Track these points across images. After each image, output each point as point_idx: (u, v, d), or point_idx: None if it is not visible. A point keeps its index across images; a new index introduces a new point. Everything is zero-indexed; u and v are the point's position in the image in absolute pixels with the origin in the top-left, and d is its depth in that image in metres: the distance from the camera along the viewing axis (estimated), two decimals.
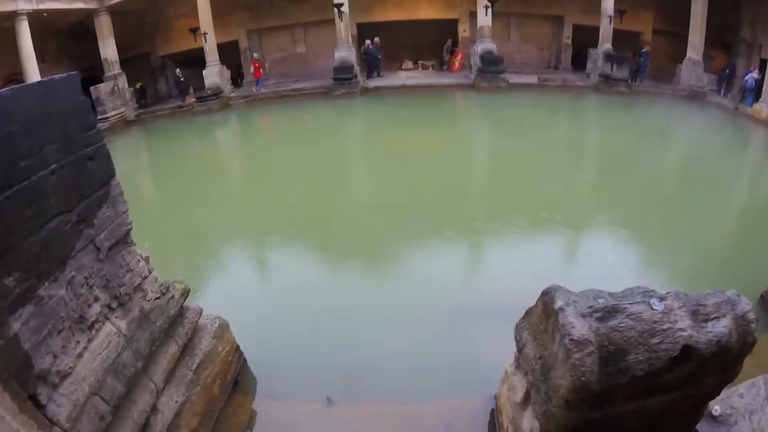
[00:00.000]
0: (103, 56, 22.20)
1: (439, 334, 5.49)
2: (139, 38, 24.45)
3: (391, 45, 22.52)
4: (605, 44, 19.59)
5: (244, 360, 5.04)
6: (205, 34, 20.21)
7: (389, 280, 6.63)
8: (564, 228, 7.79)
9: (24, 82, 18.32)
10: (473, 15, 20.34)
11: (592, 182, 10.10)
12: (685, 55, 19.17)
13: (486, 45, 19.02)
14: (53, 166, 2.74)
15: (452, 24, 22.77)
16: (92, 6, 21.20)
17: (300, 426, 4.53)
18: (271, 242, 7.98)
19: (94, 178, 3.13)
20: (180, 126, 18.75)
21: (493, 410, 4.44)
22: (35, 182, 2.62)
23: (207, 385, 4.35)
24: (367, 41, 20.25)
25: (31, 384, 2.60)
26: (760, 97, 15.48)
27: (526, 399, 3.35)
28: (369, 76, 20.54)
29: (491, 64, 18.50)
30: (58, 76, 2.87)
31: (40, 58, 19.46)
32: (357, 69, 19.26)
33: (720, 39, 20.87)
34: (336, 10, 18.63)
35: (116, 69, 22.41)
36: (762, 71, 16.21)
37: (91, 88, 21.51)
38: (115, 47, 22.24)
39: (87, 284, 3.13)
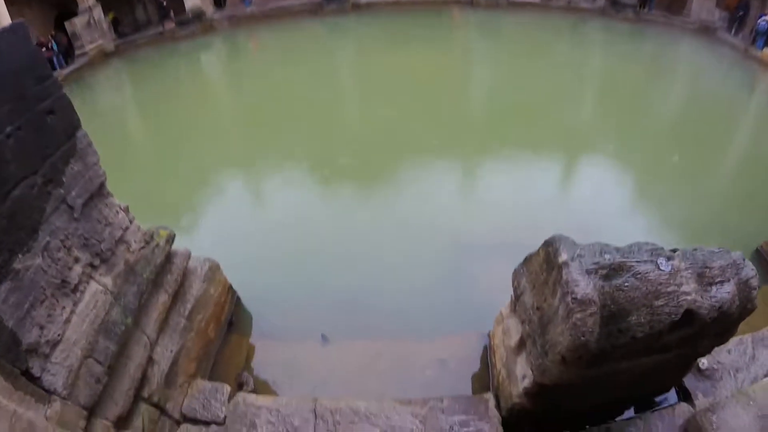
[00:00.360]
0: None
1: (434, 269, 5.47)
2: None
3: None
4: None
5: (238, 299, 5.03)
6: None
7: (385, 213, 6.50)
8: (564, 158, 7.60)
9: None
10: None
11: (591, 113, 9.72)
12: None
13: None
14: (8, 129, 2.49)
15: None
16: None
17: (297, 363, 4.60)
18: (262, 174, 7.79)
19: (56, 133, 2.87)
20: (162, 54, 17.70)
21: (486, 346, 4.53)
22: None
23: (201, 329, 4.35)
24: None
25: (21, 359, 2.54)
26: None
27: (521, 345, 3.34)
28: None
29: None
30: (1, 28, 2.54)
31: (9, 1, 18.04)
32: None
33: None
34: None
35: (90, 1, 20.98)
36: None
37: (66, 23, 20.28)
38: None
39: (64, 247, 2.97)
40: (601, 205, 6.41)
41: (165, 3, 19.77)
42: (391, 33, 15.03)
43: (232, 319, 4.88)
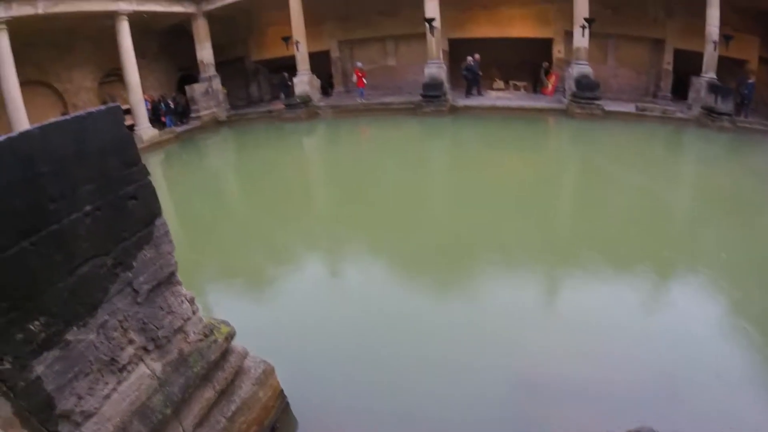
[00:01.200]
0: (199, 58, 23.71)
1: (500, 397, 4.89)
2: (234, 43, 25.71)
3: (482, 63, 21.93)
4: (709, 73, 17.57)
5: (287, 404, 4.73)
6: (297, 42, 20.68)
7: (455, 325, 6.03)
8: (664, 278, 6.80)
9: (123, 77, 19.75)
10: (568, 35, 19.26)
11: (692, 225, 8.86)
12: None
13: (582, 68, 17.80)
14: (87, 208, 2.52)
15: (546, 43, 21.73)
16: (190, 10, 22.58)
17: None
18: (337, 261, 7.66)
19: (135, 218, 2.90)
20: (268, 129, 19.46)
21: None
22: (66, 226, 2.41)
23: None
24: (468, 57, 19.55)
25: (52, 422, 2.49)
26: None
27: None
28: (468, 93, 19.87)
29: (587, 90, 17.26)
30: (97, 109, 2.65)
31: (141, 54, 20.96)
32: (446, 86, 18.77)
33: None
34: (427, 24, 18.28)
35: (211, 71, 23.80)
36: None
37: (186, 87, 23.04)
38: (210, 50, 23.64)
39: (121, 327, 2.92)
40: (705, 344, 5.54)
41: (290, 84, 21.47)
42: (486, 135, 15.26)
43: (276, 425, 4.56)
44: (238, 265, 7.43)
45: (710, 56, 17.61)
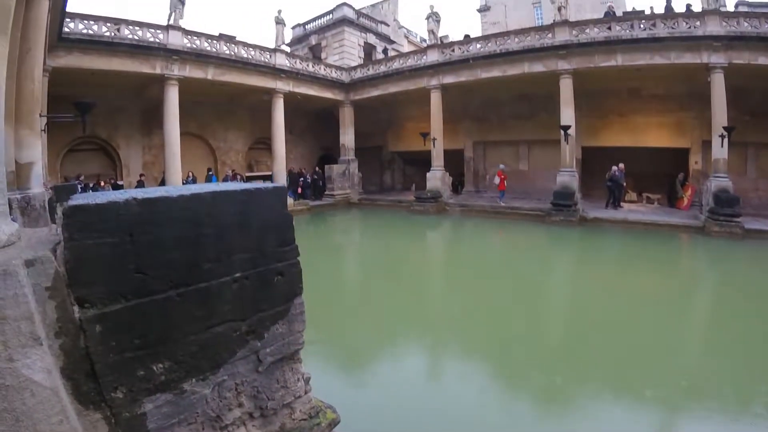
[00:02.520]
0: (341, 141, 25.98)
1: None
2: (374, 132, 27.79)
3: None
4: None
5: None
6: (434, 139, 21.71)
7: None
8: None
9: (270, 146, 22.02)
10: (706, 144, 17.98)
11: None
12: None
13: (721, 181, 16.27)
14: (237, 275, 2.68)
15: (683, 153, 20.45)
16: (339, 98, 25.19)
17: None
18: (434, 367, 7.23)
19: (277, 293, 3.02)
20: (396, 217, 20.22)
21: None
22: (215, 286, 2.57)
23: None
24: (613, 167, 18.99)
25: None
26: None
27: None
28: (607, 204, 19.18)
29: (726, 205, 15.63)
30: (266, 186, 2.88)
31: (289, 130, 23.65)
32: (578, 196, 18.23)
33: None
34: (563, 132, 18.20)
35: (351, 155, 25.83)
36: None
37: (326, 166, 25.00)
38: (353, 136, 25.86)
39: (236, 390, 2.99)
40: None
41: (462, 179, 23.26)
42: (614, 251, 14.23)
43: None
44: (349, 346, 7.43)
45: None
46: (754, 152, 19.76)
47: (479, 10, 43.50)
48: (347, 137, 26.18)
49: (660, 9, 20.81)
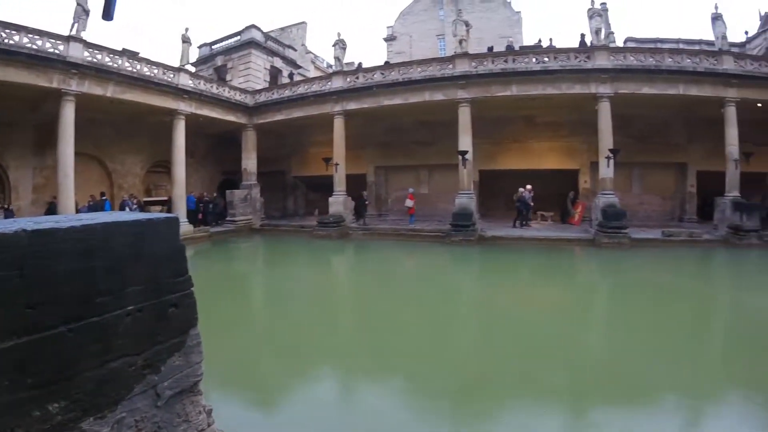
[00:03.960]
0: (243, 166, 25.46)
1: None
2: (278, 156, 27.53)
3: (511, 194, 23.07)
4: (732, 192, 18.47)
5: None
6: (336, 164, 21.91)
7: None
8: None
9: (170, 169, 21.05)
10: (594, 165, 20.24)
11: (729, 353, 8.19)
12: None
13: (608, 198, 18.33)
14: (131, 308, 2.58)
15: (573, 174, 22.93)
16: (242, 121, 24.79)
17: None
18: (343, 392, 7.15)
19: (172, 325, 2.96)
20: (299, 243, 19.93)
21: None
22: (108, 320, 2.46)
23: None
24: (521, 189, 20.43)
25: None
26: None
27: None
28: (515, 223, 20.46)
29: (613, 219, 17.58)
30: (158, 216, 2.82)
31: (190, 153, 22.86)
32: (476, 216, 19.34)
33: None
34: (461, 157, 19.30)
35: (253, 180, 25.36)
36: None
37: (228, 191, 24.30)
38: (255, 160, 25.46)
39: (136, 427, 2.85)
40: None
41: (367, 202, 23.03)
42: (512, 266, 15.15)
43: None
44: (249, 375, 7.22)
45: (732, 175, 18.58)
46: (639, 171, 22.86)
47: (386, 39, 45.11)
48: (250, 162, 25.65)
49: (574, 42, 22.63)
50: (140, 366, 2.74)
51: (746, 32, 36.13)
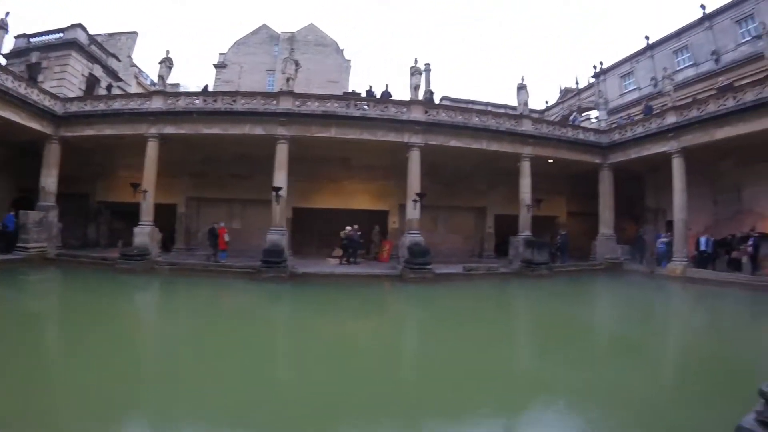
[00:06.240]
0: (42, 183, 21.95)
1: None
2: (83, 177, 24.58)
3: (323, 232, 24.07)
4: (525, 231, 22.00)
5: None
6: (145, 191, 20.25)
7: None
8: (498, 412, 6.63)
9: None
10: (403, 207, 21.75)
11: (541, 359, 9.59)
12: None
13: (414, 237, 19.82)
14: None
15: (384, 215, 24.73)
16: (47, 131, 21.48)
17: None
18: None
19: None
20: (99, 278, 17.40)
21: None
22: None
23: None
24: (348, 228, 21.31)
25: None
26: (671, 258, 20.05)
27: None
28: (341, 260, 21.34)
29: (418, 256, 19.07)
30: None
31: None
32: (287, 253, 19.28)
33: (629, 211, 25.84)
34: (274, 193, 19.20)
35: (51, 201, 21.91)
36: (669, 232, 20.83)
37: (20, 212, 20.44)
38: (56, 179, 22.15)
39: None
40: None
41: (217, 236, 20.92)
42: (324, 302, 15.34)
43: None
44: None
45: (524, 218, 22.36)
46: (445, 214, 25.80)
47: (216, 66, 43.90)
48: (49, 180, 21.90)
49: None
50: None
51: (546, 101, 44.18)
